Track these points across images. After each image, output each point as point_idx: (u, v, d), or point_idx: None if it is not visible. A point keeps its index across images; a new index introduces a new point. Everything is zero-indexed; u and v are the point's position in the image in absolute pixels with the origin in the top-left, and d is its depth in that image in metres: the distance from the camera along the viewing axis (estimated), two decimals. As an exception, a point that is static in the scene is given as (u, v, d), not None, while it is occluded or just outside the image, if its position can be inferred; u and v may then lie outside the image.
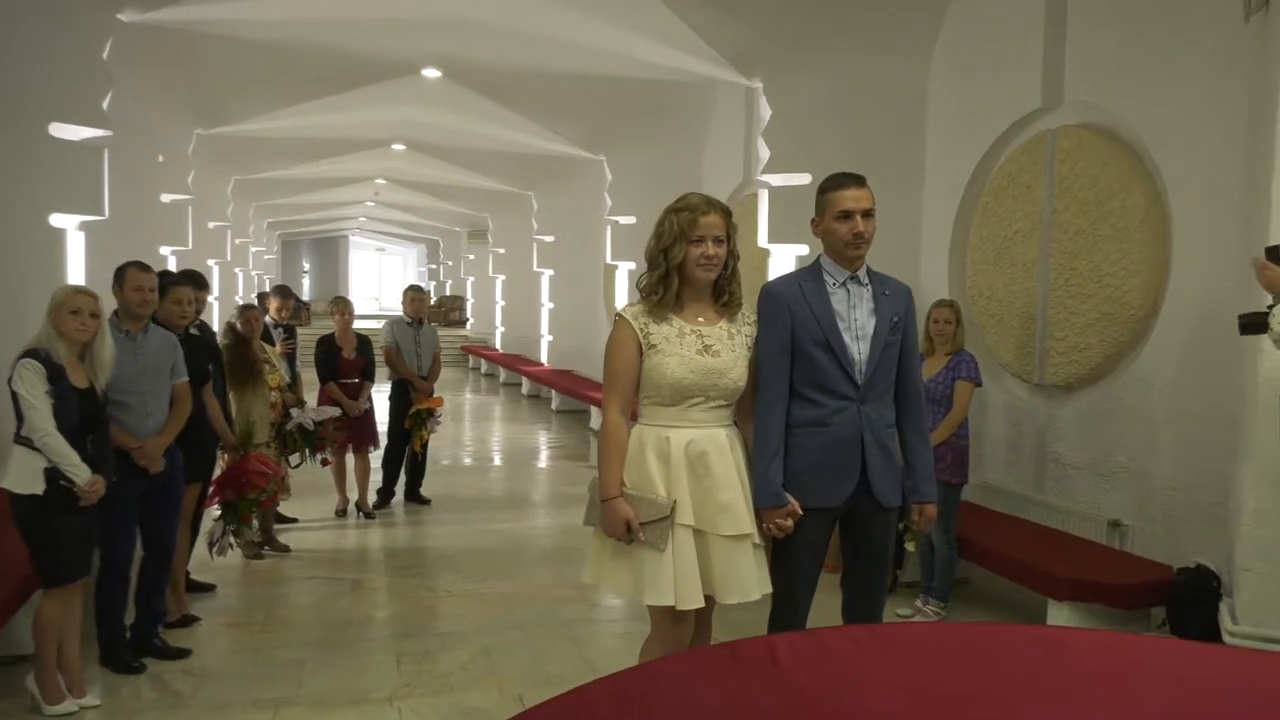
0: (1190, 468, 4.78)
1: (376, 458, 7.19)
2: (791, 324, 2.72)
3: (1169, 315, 4.95)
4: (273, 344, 6.47)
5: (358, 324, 7.15)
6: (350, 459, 6.94)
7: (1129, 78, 5.11)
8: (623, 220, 11.20)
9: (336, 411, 6.27)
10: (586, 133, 11.16)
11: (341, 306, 6.94)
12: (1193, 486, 4.75)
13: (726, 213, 2.70)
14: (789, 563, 2.72)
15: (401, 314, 7.38)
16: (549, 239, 15.33)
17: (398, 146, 13.06)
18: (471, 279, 24.60)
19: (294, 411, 5.95)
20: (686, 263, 2.66)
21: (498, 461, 10.22)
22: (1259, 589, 3.63)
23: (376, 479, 7.25)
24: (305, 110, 9.96)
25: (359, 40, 7.81)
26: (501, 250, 19.59)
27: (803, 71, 6.95)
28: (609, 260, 11.65)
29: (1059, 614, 4.30)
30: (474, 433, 12.15)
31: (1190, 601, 4.06)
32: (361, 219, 27.73)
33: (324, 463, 6.35)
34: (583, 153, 11.72)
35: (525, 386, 15.96)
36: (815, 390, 2.72)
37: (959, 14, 6.42)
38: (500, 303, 20.20)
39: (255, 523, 5.08)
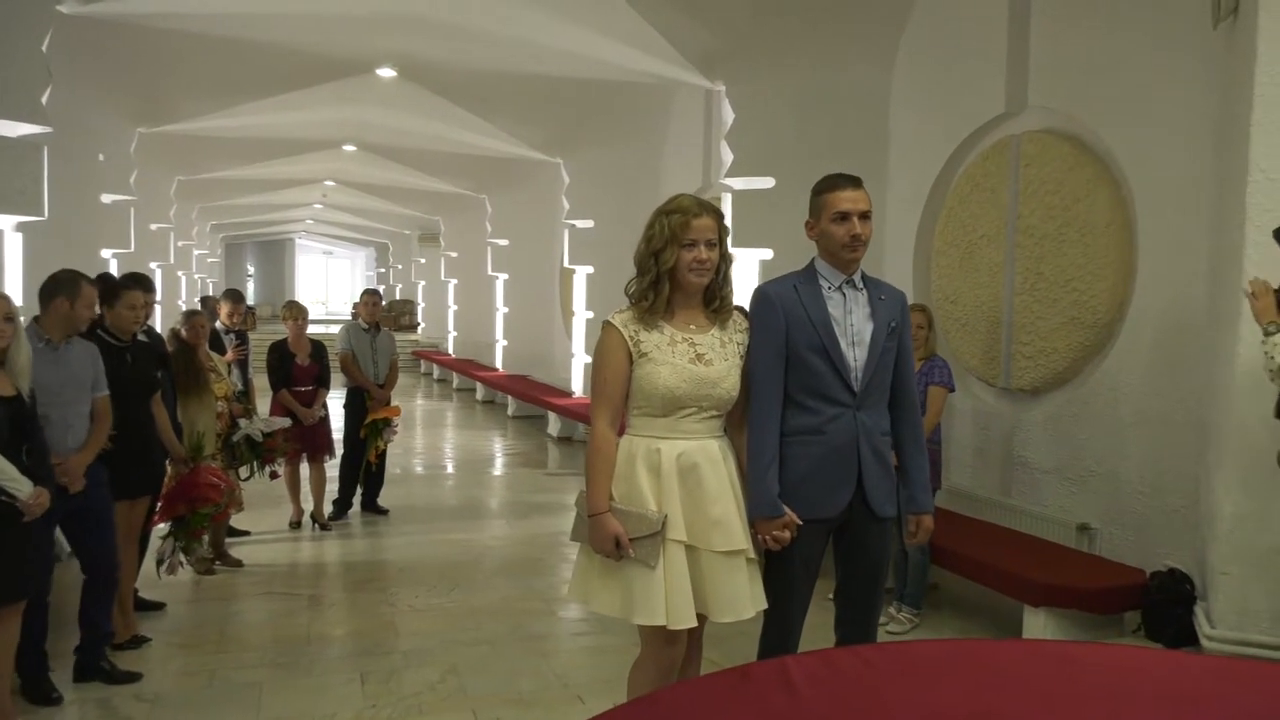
0: (1158, 471, 4.81)
1: (332, 467, 6.97)
2: (787, 329, 2.63)
3: (1135, 319, 4.98)
4: (223, 351, 6.23)
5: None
6: (305, 469, 6.71)
7: (1094, 83, 5.14)
8: (580, 224, 11.08)
9: (286, 422, 6.04)
10: (544, 135, 11.03)
11: (295, 312, 6.71)
12: (1161, 489, 4.78)
13: (719, 215, 2.60)
14: (783, 577, 2.63)
15: (356, 319, 7.17)
16: (503, 242, 15.14)
17: (349, 147, 12.80)
18: (423, 283, 24.26)
19: (241, 422, 5.71)
20: (678, 267, 2.55)
21: (454, 469, 10.02)
22: (1237, 593, 3.64)
23: (332, 489, 7.03)
24: (253, 109, 9.68)
25: (311, 37, 7.59)
26: (454, 254, 19.33)
27: (766, 75, 6.91)
28: (566, 264, 11.51)
29: (1034, 620, 4.28)
30: (429, 440, 11.92)
31: (1165, 605, 4.07)
32: (309, 221, 27.22)
33: (274, 476, 6.12)
34: (540, 155, 11.58)
35: (479, 392, 15.74)
36: (811, 397, 2.64)
37: (922, 19, 6.43)
38: (453, 307, 19.93)
39: (206, 538, 4.86)
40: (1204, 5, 4.33)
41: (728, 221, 7.93)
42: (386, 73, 8.65)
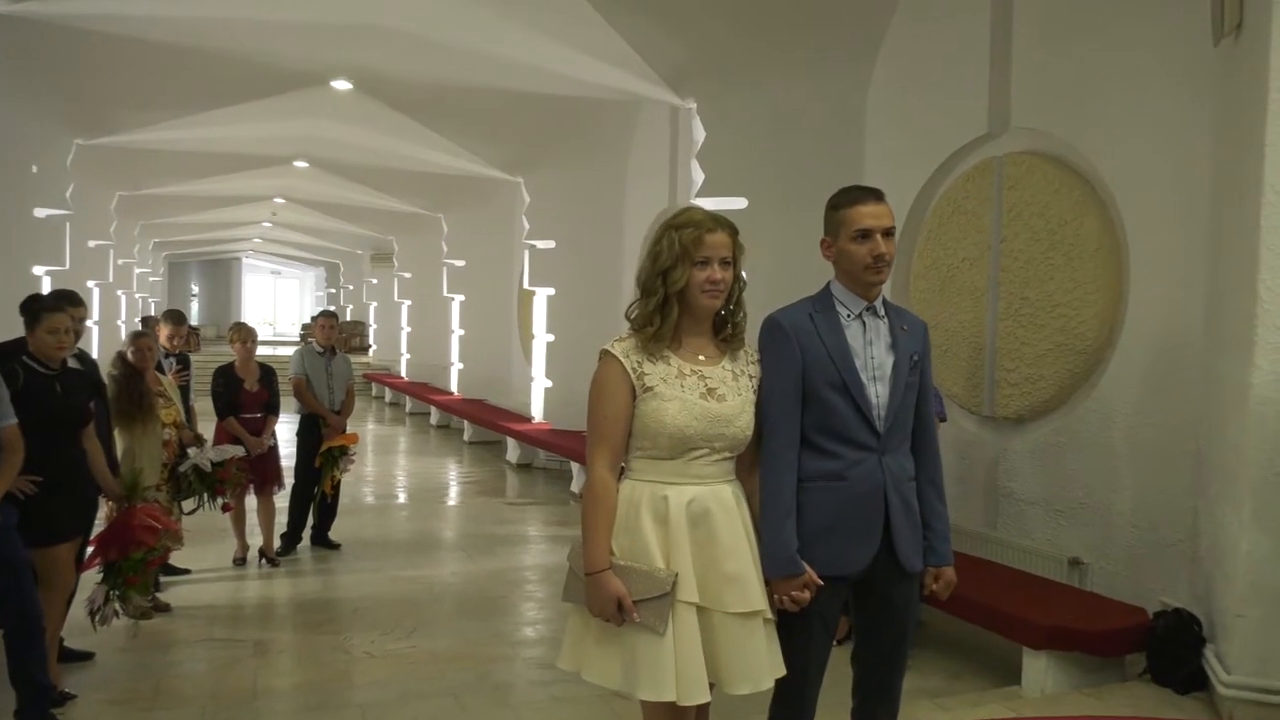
0: (1152, 503, 4.64)
1: (281, 498, 6.55)
2: (803, 363, 2.35)
3: (1126, 345, 4.83)
4: (164, 374, 5.81)
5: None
6: (252, 501, 6.29)
7: (1079, 104, 5.01)
8: (541, 244, 10.79)
9: (240, 450, 5.64)
10: (505, 153, 10.74)
11: (243, 334, 6.31)
12: (1155, 523, 4.61)
13: (734, 231, 2.31)
14: (800, 638, 2.32)
15: (310, 342, 6.79)
16: (460, 263, 14.78)
17: (300, 163, 12.36)
18: (375, 304, 23.71)
19: (191, 451, 5.30)
20: (689, 289, 2.26)
21: (409, 498, 9.60)
22: (1255, 637, 3.45)
23: (281, 521, 6.60)
24: (199, 122, 9.24)
25: (264, 46, 7.23)
26: (408, 274, 18.89)
27: (739, 92, 6.72)
28: (526, 286, 11.20)
29: (1035, 663, 4.05)
30: (382, 467, 11.47)
31: (1172, 648, 3.87)
32: (256, 240, 26.51)
33: (225, 508, 5.69)
34: (500, 174, 11.28)
35: (434, 416, 15.31)
36: (829, 439, 2.35)
37: (899, 36, 6.28)
38: (406, 329, 19.46)
39: (141, 584, 4.44)
40: (1193, 23, 4.22)
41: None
42: (341, 85, 8.30)
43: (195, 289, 36.15)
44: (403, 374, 19.45)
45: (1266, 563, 3.44)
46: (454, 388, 15.42)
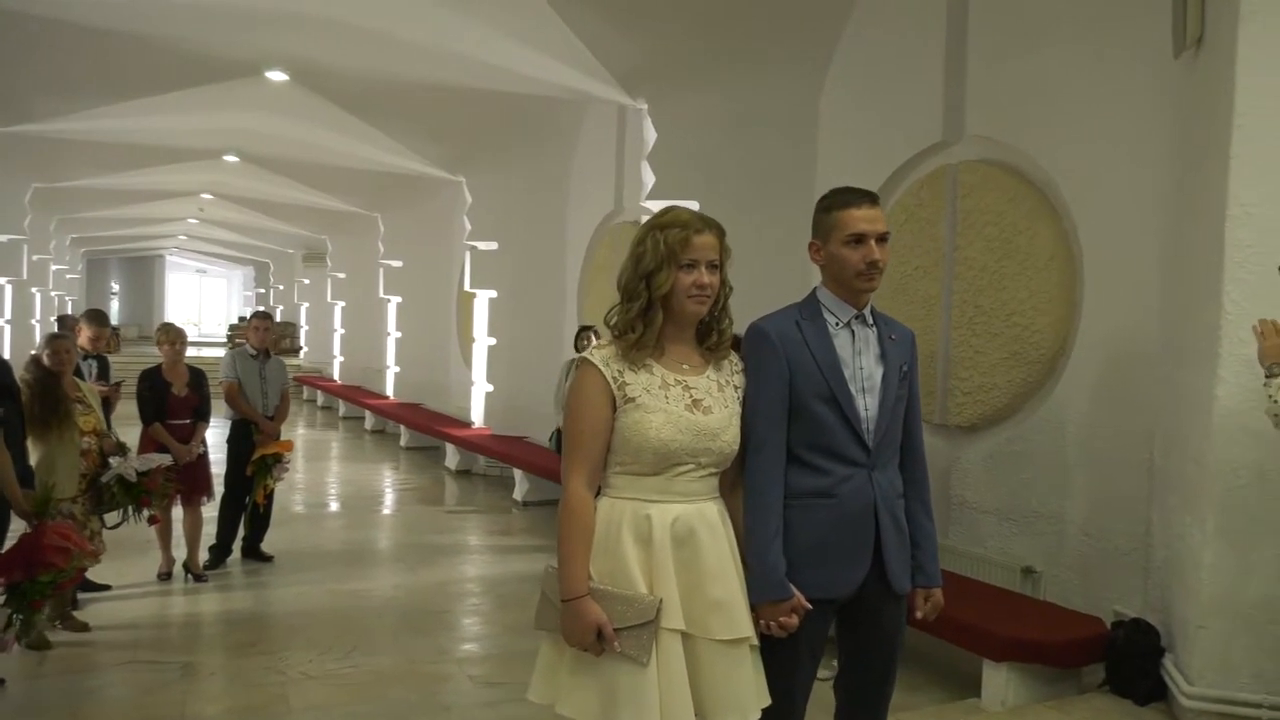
0: (1105, 512, 4.65)
1: (211, 508, 6.22)
2: (790, 373, 2.23)
3: (1080, 355, 4.84)
4: (83, 378, 5.46)
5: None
6: (178, 512, 5.94)
7: (1034, 113, 5.02)
8: (483, 246, 10.55)
9: (167, 459, 5.30)
10: (446, 151, 10.48)
11: (171, 335, 5.95)
12: (1108, 531, 4.62)
13: (721, 233, 2.18)
14: (786, 665, 2.19)
15: (243, 344, 6.47)
16: (397, 264, 14.43)
17: (230, 158, 11.91)
18: (306, 305, 23.07)
19: (113, 460, 4.96)
20: (674, 293, 2.12)
21: (344, 507, 9.26)
22: (1218, 648, 3.44)
23: (209, 532, 6.26)
24: (125, 111, 8.79)
25: (195, 32, 6.88)
26: (342, 275, 18.42)
27: (691, 93, 6.62)
28: (468, 288, 10.95)
29: (996, 675, 4.00)
30: (314, 474, 11.07)
31: (1132, 659, 3.85)
32: (182, 237, 25.61)
33: (152, 521, 5.34)
34: (441, 172, 11.01)
35: (369, 421, 14.89)
36: (817, 454, 2.23)
37: (853, 42, 6.24)
38: (339, 330, 18.96)
39: (47, 609, 4.13)
40: (1151, 35, 4.24)
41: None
42: (277, 76, 7.97)
43: (115, 287, 34.86)
44: (335, 377, 18.95)
45: (1229, 575, 3.44)
46: (390, 391, 15.05)
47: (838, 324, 2.29)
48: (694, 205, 6.47)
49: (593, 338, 7.20)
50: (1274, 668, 3.38)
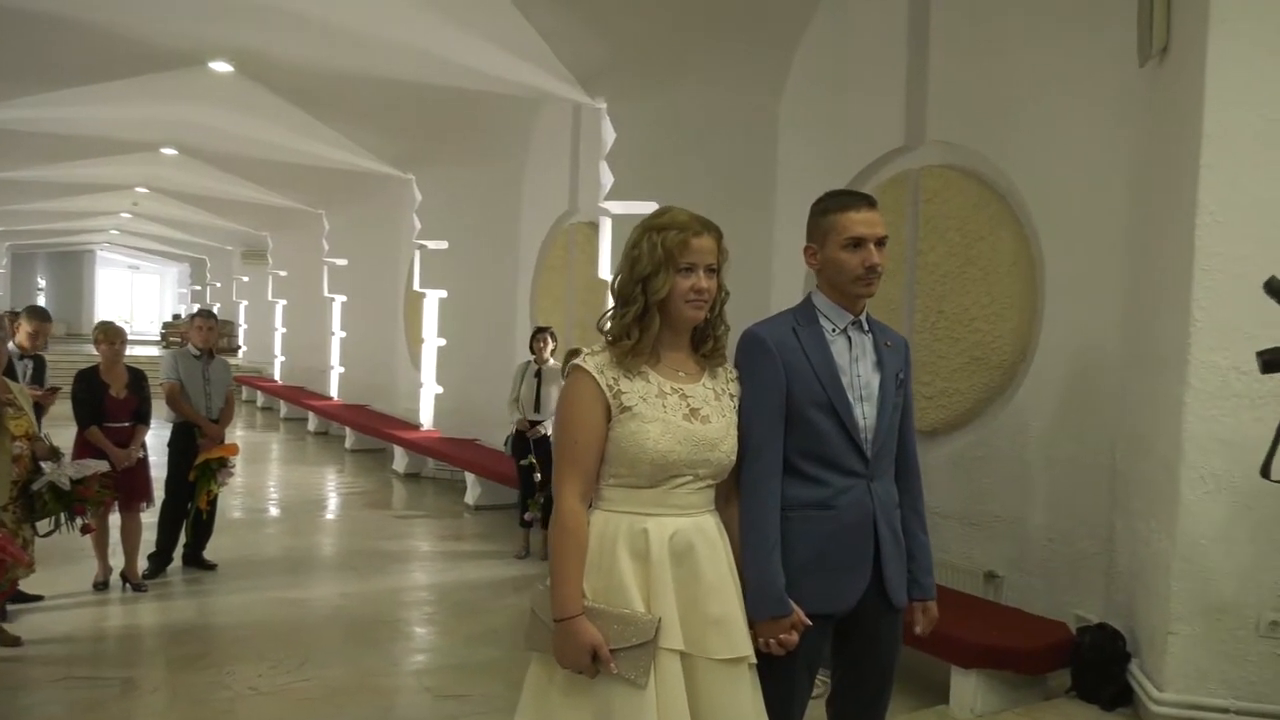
0: (1067, 517, 4.68)
1: (150, 514, 5.95)
2: (786, 381, 2.15)
3: (1042, 360, 4.87)
4: (15, 378, 5.17)
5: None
6: (115, 518, 5.67)
7: (996, 119, 5.04)
8: (433, 245, 10.34)
9: (104, 466, 5.04)
10: (395, 147, 10.23)
11: (110, 334, 5.67)
12: (1070, 536, 4.66)
13: (720, 235, 2.09)
14: (784, 683, 2.12)
15: (184, 344, 6.21)
16: (342, 262, 14.09)
17: (168, 151, 11.50)
18: (245, 303, 22.46)
19: (46, 466, 4.70)
20: (672, 298, 2.03)
21: (288, 512, 8.97)
22: (1187, 654, 3.46)
23: (148, 539, 5.99)
24: (57, 100, 8.41)
25: (134, 19, 6.59)
26: (283, 273, 17.96)
27: (651, 93, 6.53)
28: (417, 288, 10.73)
29: (964, 682, 3.98)
30: (256, 477, 10.73)
31: (1100, 664, 3.86)
32: (114, 231, 24.78)
33: (85, 530, 5.07)
34: (389, 169, 10.75)
35: (312, 422, 14.53)
36: (815, 464, 2.16)
37: (814, 45, 6.23)
38: (280, 330, 18.48)
39: None
40: (1115, 44, 4.28)
41: (605, 248, 7.47)
42: (221, 67, 7.68)
43: (42, 282, 33.63)
44: (276, 377, 18.47)
45: (1197, 579, 3.46)
46: (334, 392, 14.70)
47: (834, 330, 2.22)
48: (652, 206, 6.42)
49: (549, 339, 7.07)
50: (1242, 673, 3.41)
